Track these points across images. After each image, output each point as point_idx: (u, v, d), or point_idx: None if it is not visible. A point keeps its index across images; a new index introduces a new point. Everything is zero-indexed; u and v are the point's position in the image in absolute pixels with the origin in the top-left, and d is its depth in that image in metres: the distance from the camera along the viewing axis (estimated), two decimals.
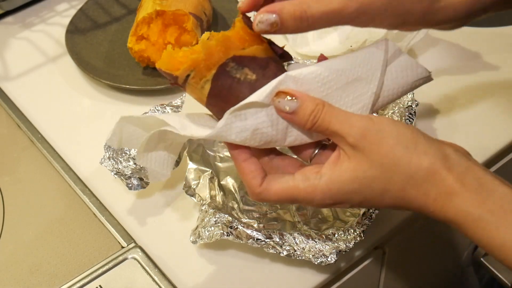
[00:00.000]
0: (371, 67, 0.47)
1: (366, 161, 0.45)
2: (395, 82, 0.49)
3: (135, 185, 0.62)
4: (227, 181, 0.65)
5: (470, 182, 0.44)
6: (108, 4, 0.90)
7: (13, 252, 0.62)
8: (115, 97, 0.79)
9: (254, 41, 0.47)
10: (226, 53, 0.46)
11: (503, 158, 0.74)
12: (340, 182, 0.45)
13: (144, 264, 0.59)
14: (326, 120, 0.45)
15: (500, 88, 0.76)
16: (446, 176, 0.44)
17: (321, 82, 0.47)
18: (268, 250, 0.57)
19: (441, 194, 0.44)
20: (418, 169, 0.44)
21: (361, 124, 0.45)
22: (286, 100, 0.45)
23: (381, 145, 0.44)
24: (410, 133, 0.45)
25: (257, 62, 0.46)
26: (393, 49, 0.48)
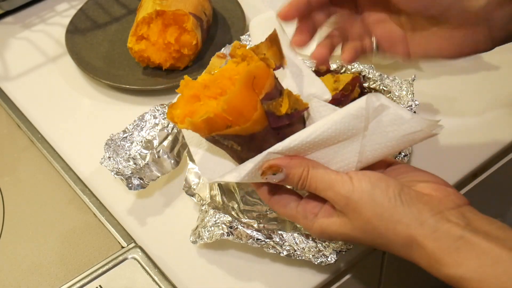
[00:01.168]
0: (352, 132, 0.48)
1: (350, 224, 0.48)
2: (382, 137, 0.49)
3: (135, 185, 0.62)
4: None
5: (447, 246, 0.45)
6: (108, 4, 0.90)
7: (13, 252, 0.62)
8: (115, 97, 0.79)
9: (238, 120, 0.47)
10: (210, 131, 0.47)
11: (503, 158, 0.74)
12: (330, 231, 0.50)
13: (144, 264, 0.59)
14: (312, 186, 0.49)
15: (500, 88, 0.76)
16: (423, 243, 0.45)
17: (304, 149, 0.49)
18: (268, 250, 0.57)
19: (422, 258, 0.46)
20: (396, 237, 0.47)
21: (343, 193, 0.48)
22: (272, 176, 0.49)
23: (360, 215, 0.47)
24: (387, 201, 0.47)
25: (241, 138, 0.48)
26: (374, 105, 0.48)
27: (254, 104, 0.47)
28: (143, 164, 0.63)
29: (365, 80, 0.72)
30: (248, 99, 0.46)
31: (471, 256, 0.44)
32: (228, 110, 0.46)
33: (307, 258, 0.56)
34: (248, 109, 0.46)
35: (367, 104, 0.47)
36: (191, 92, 0.48)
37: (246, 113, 0.46)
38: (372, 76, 0.71)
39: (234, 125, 0.46)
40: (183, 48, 0.77)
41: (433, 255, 0.45)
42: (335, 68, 0.73)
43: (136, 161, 0.63)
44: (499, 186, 0.80)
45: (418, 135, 0.49)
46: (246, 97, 0.46)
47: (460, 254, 0.44)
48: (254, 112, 0.46)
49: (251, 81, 0.46)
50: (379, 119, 0.48)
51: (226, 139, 0.48)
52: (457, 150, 0.69)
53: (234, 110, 0.46)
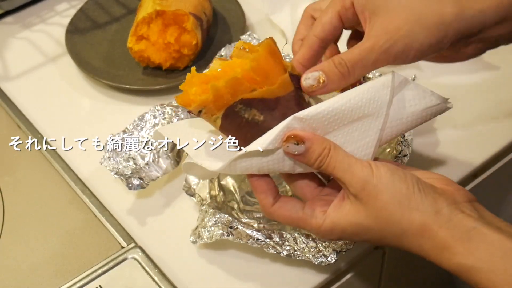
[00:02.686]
0: (377, 104, 0.49)
1: (364, 211, 0.48)
2: (402, 112, 0.50)
3: (135, 185, 0.62)
4: (227, 181, 0.65)
5: (460, 235, 0.46)
6: (108, 4, 0.90)
7: (13, 252, 0.62)
8: (115, 97, 0.79)
9: (264, 82, 0.47)
10: (234, 96, 0.47)
11: (504, 158, 0.74)
12: (341, 224, 0.49)
13: (144, 264, 0.59)
14: (331, 166, 0.48)
15: (500, 88, 0.76)
16: (437, 232, 0.46)
17: (328, 121, 0.48)
18: (268, 250, 0.57)
19: (433, 248, 0.46)
20: (410, 225, 0.47)
21: (362, 176, 0.47)
22: (294, 145, 0.48)
23: (377, 200, 0.47)
24: (406, 188, 0.47)
25: (265, 103, 0.47)
26: (399, 79, 0.49)
27: (279, 68, 0.47)
28: (143, 164, 0.63)
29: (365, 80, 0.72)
30: (273, 63, 0.47)
31: (482, 247, 0.45)
32: (256, 68, 0.46)
33: (307, 258, 0.56)
34: (274, 72, 0.47)
35: (392, 78, 0.48)
36: (202, 78, 0.48)
37: (272, 76, 0.47)
38: (372, 76, 0.71)
39: (260, 86, 0.47)
40: (183, 48, 0.77)
41: (445, 243, 0.46)
42: None
43: (136, 161, 0.63)
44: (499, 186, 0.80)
45: (436, 109, 0.50)
46: (271, 61, 0.47)
47: (472, 244, 0.45)
48: (279, 75, 0.47)
49: (274, 48, 0.47)
50: (402, 93, 0.49)
51: (249, 107, 0.47)
52: (457, 150, 0.69)
53: (261, 70, 0.46)
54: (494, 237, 0.45)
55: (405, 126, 0.50)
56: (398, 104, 0.49)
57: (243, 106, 0.47)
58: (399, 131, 0.50)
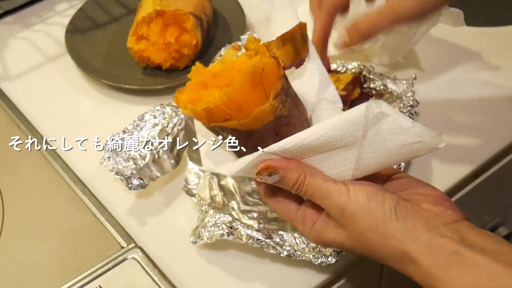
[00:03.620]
0: (349, 140, 0.47)
1: (345, 235, 0.49)
2: (379, 145, 0.48)
3: (135, 185, 0.62)
4: (227, 181, 0.65)
5: (441, 261, 0.45)
6: (108, 4, 0.90)
7: (13, 252, 0.62)
8: (115, 97, 0.79)
9: (237, 115, 0.46)
10: (209, 121, 0.48)
11: (504, 158, 0.74)
12: (326, 239, 0.51)
13: (144, 264, 0.59)
14: (308, 192, 0.49)
15: (500, 88, 0.76)
16: (418, 258, 0.46)
17: (301, 152, 0.48)
18: (268, 250, 0.57)
19: (417, 274, 0.46)
20: (390, 251, 0.47)
21: (339, 203, 0.48)
22: (267, 177, 0.49)
23: (355, 226, 0.48)
24: (382, 215, 0.47)
25: (238, 133, 0.48)
26: (375, 113, 0.47)
27: (259, 98, 0.46)
28: (143, 164, 0.63)
29: (365, 80, 0.71)
30: (251, 94, 0.46)
31: (465, 271, 0.44)
32: (227, 103, 0.45)
33: (307, 259, 0.56)
34: (249, 105, 0.46)
35: (366, 111, 0.46)
36: (200, 79, 0.48)
37: (246, 109, 0.46)
38: (373, 76, 0.71)
39: (232, 119, 0.46)
40: (183, 48, 0.77)
41: (427, 270, 0.45)
42: (335, 68, 0.72)
43: (136, 161, 0.63)
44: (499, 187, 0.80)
45: (418, 147, 0.48)
46: (249, 92, 0.46)
47: (454, 269, 0.44)
48: (255, 108, 0.46)
49: (258, 77, 0.46)
50: (379, 126, 0.47)
51: (224, 131, 0.48)
52: (457, 150, 0.69)
53: (233, 104, 0.46)
54: (476, 260, 0.44)
55: (387, 159, 0.48)
56: (374, 137, 0.48)
57: (219, 129, 0.48)
58: (381, 163, 0.49)
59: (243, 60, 0.48)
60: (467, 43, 0.81)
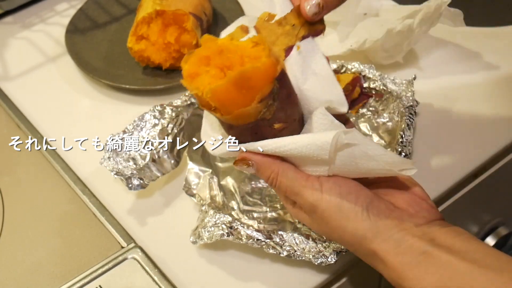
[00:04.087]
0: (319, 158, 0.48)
1: (317, 226, 0.51)
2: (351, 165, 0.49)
3: (135, 185, 0.62)
4: (227, 181, 0.65)
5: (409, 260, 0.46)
6: (108, 4, 0.90)
7: (13, 252, 0.62)
8: (115, 97, 0.79)
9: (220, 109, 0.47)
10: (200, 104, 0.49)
11: (503, 158, 0.74)
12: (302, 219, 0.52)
13: (144, 264, 0.59)
14: (282, 189, 0.51)
15: (500, 88, 0.76)
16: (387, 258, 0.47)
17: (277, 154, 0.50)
18: (268, 250, 0.57)
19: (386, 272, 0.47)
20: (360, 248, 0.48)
21: (311, 201, 0.49)
22: (244, 167, 0.51)
23: (327, 223, 0.49)
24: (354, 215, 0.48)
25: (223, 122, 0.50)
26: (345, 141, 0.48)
27: (245, 98, 0.47)
28: (143, 164, 0.63)
29: (365, 80, 0.72)
30: (236, 96, 0.46)
31: (431, 271, 0.44)
32: (212, 98, 0.46)
33: (307, 259, 0.56)
34: (233, 104, 0.47)
35: (333, 141, 0.48)
36: (205, 53, 0.49)
37: (229, 106, 0.47)
38: (372, 76, 0.71)
39: (217, 111, 0.48)
40: (183, 48, 0.77)
41: (395, 270, 0.46)
42: (335, 68, 0.72)
43: (136, 161, 0.63)
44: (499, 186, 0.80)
45: (387, 171, 0.49)
46: (233, 94, 0.46)
47: (421, 269, 0.45)
48: (237, 108, 0.47)
49: (244, 82, 0.46)
50: (350, 150, 0.49)
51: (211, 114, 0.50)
52: (457, 150, 0.69)
53: (217, 100, 0.47)
54: (443, 259, 0.44)
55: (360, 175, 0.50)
56: (346, 159, 0.49)
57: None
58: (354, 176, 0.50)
59: (248, 46, 0.48)
60: (466, 43, 0.81)
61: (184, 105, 0.67)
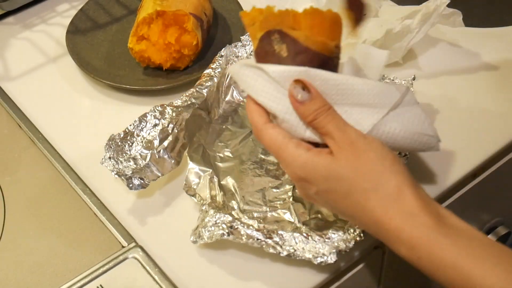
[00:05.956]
0: (383, 101, 0.51)
1: (345, 160, 0.49)
2: (397, 124, 0.52)
3: (135, 185, 0.62)
4: (227, 181, 0.65)
5: (430, 210, 0.48)
6: (108, 4, 0.90)
7: (13, 252, 0.62)
8: (115, 97, 0.79)
9: (308, 30, 0.50)
10: (278, 24, 0.50)
11: (503, 158, 0.74)
12: (316, 163, 0.50)
13: (145, 263, 0.59)
14: (325, 121, 0.50)
15: (500, 88, 0.76)
16: (410, 198, 0.48)
17: (336, 91, 0.51)
18: (268, 250, 0.57)
19: (400, 213, 0.48)
20: (386, 183, 0.48)
21: (354, 135, 0.50)
22: (300, 89, 0.50)
23: (363, 154, 0.49)
24: (392, 156, 0.50)
25: (296, 45, 0.50)
26: (410, 97, 0.52)
27: (331, 36, 0.50)
28: (143, 164, 0.63)
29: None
30: (325, 28, 0.50)
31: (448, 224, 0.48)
32: (308, 16, 0.50)
33: (307, 258, 0.56)
34: (320, 33, 0.50)
35: (406, 90, 0.51)
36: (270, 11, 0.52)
37: (317, 32, 0.50)
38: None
39: (300, 30, 0.50)
40: (184, 49, 0.77)
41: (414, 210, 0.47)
42: None
43: (137, 161, 0.63)
44: (498, 186, 0.80)
45: (427, 140, 0.53)
46: (325, 25, 0.50)
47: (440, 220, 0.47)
48: (324, 39, 0.50)
49: (336, 22, 0.51)
50: (407, 108, 0.51)
51: (282, 40, 0.50)
52: (457, 150, 0.69)
53: (310, 21, 0.50)
54: (462, 224, 0.48)
55: (394, 137, 0.52)
56: (399, 114, 0.51)
57: (279, 37, 0.50)
58: (387, 139, 0.52)
59: None
60: (466, 43, 0.81)
61: (184, 105, 0.67)
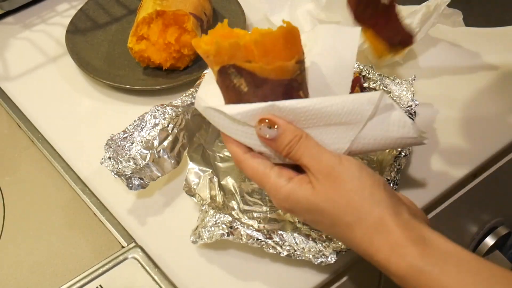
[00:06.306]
0: (356, 117, 0.49)
1: (323, 194, 0.48)
2: (377, 133, 0.50)
3: (135, 185, 0.62)
4: (227, 181, 0.65)
5: (415, 237, 0.46)
6: (108, 4, 0.90)
7: (13, 252, 0.62)
8: (115, 97, 0.79)
9: (261, 59, 0.48)
10: (230, 58, 0.48)
11: (503, 158, 0.74)
12: (299, 195, 0.49)
13: (144, 263, 0.59)
14: (299, 152, 0.49)
15: (500, 88, 0.76)
16: (394, 229, 0.46)
17: (305, 117, 0.49)
18: (268, 250, 0.57)
19: (384, 245, 0.46)
20: (367, 215, 0.47)
21: (329, 163, 0.48)
22: (267, 128, 0.49)
23: (339, 186, 0.48)
24: (371, 183, 0.48)
25: (253, 78, 0.48)
26: (386, 102, 0.50)
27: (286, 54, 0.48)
28: (143, 164, 0.63)
29: (365, 80, 0.72)
30: (281, 47, 0.48)
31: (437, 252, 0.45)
32: (259, 43, 0.47)
33: (307, 258, 0.56)
34: (277, 55, 0.48)
35: (379, 97, 0.49)
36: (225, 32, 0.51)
37: (272, 57, 0.48)
38: (372, 76, 0.71)
39: (256, 61, 0.48)
40: (183, 48, 0.77)
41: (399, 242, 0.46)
42: None
43: (137, 161, 0.63)
44: (499, 186, 0.80)
45: (411, 141, 0.51)
46: (280, 45, 0.48)
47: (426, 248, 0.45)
48: (281, 60, 0.48)
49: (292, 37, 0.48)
50: (387, 115, 0.50)
51: (239, 74, 0.48)
52: (457, 150, 0.69)
53: (263, 47, 0.47)
54: (449, 247, 0.46)
55: (375, 146, 0.51)
56: (377, 124, 0.50)
57: (235, 71, 0.48)
58: (368, 149, 0.51)
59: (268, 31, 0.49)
60: (466, 43, 0.81)
61: (184, 105, 0.67)
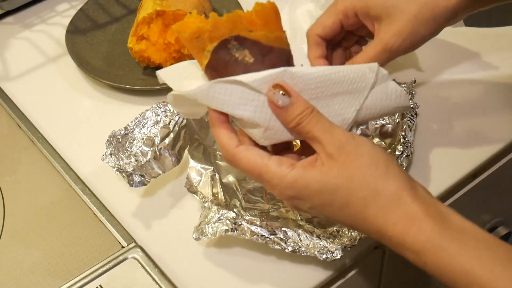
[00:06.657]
0: (361, 85, 0.50)
1: (337, 169, 0.46)
2: (377, 103, 0.51)
3: (136, 182, 0.62)
4: (228, 179, 0.65)
5: (432, 212, 0.45)
6: (108, 4, 0.90)
7: (13, 252, 0.62)
8: (115, 97, 0.79)
9: (263, 28, 0.48)
10: (231, 30, 0.47)
11: (503, 158, 0.74)
12: (306, 179, 0.46)
13: (145, 264, 0.59)
14: (310, 125, 0.47)
15: (500, 88, 0.76)
16: (411, 203, 0.45)
17: (315, 85, 0.48)
18: (273, 246, 0.57)
19: (402, 218, 0.45)
20: (384, 190, 0.45)
21: (342, 137, 0.46)
22: (280, 94, 0.47)
23: (355, 160, 0.46)
24: (385, 158, 0.47)
25: (259, 47, 0.47)
26: (382, 74, 0.51)
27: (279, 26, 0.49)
28: (144, 161, 0.63)
29: None
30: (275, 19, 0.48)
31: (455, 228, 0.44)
32: (260, 12, 0.47)
33: (312, 254, 0.56)
34: (275, 26, 0.48)
35: (378, 67, 0.51)
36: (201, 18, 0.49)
37: (272, 27, 0.48)
38: None
39: (259, 30, 0.47)
40: (183, 48, 0.77)
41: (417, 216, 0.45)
42: None
43: (138, 158, 0.63)
44: (498, 186, 0.80)
45: (402, 109, 0.54)
46: (273, 16, 0.48)
47: (445, 224, 0.44)
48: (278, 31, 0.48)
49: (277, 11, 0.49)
50: (384, 85, 0.51)
51: (242, 46, 0.47)
52: (457, 150, 0.69)
53: (264, 16, 0.47)
54: (465, 224, 0.45)
55: (375, 115, 0.52)
56: (378, 93, 0.51)
57: (237, 43, 0.47)
58: (369, 118, 0.52)
59: None
60: (466, 43, 0.81)
61: None
